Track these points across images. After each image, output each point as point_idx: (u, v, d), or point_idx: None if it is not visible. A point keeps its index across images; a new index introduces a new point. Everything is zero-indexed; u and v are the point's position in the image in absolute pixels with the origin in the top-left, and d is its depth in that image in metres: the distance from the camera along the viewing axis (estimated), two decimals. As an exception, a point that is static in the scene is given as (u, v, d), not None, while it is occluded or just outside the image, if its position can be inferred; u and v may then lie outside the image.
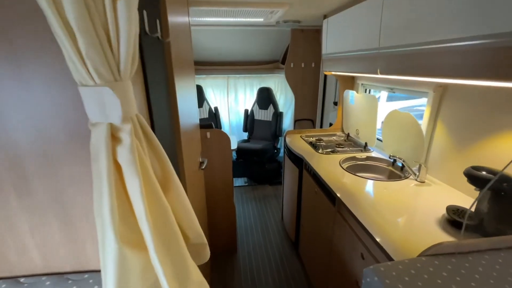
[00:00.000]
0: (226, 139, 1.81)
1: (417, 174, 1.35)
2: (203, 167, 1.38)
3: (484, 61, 0.76)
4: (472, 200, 1.13)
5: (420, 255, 0.68)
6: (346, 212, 1.18)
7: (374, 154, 1.76)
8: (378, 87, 1.89)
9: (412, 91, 1.50)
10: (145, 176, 0.42)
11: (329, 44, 1.95)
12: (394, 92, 1.69)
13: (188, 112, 1.14)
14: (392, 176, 1.56)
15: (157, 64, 0.77)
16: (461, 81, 0.92)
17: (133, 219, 0.42)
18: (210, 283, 1.91)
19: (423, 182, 1.33)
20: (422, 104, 1.47)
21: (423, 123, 1.39)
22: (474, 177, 0.90)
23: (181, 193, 0.56)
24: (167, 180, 0.51)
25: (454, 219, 0.96)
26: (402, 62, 1.13)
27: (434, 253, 0.66)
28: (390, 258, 0.84)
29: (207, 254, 0.67)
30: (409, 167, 1.38)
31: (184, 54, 1.12)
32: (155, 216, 0.43)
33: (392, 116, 1.54)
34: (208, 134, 1.76)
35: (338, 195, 1.21)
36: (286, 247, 2.16)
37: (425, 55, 0.99)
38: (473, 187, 0.96)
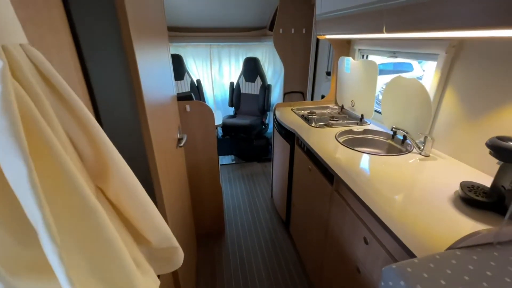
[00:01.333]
0: (208, 112, 1.60)
1: (422, 147, 1.22)
2: (182, 144, 1.19)
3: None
4: (485, 175, 1.02)
5: (451, 248, 0.54)
6: (346, 191, 1.05)
7: (371, 126, 1.62)
8: (378, 52, 1.70)
9: (419, 55, 1.33)
10: (43, 155, 0.23)
11: (325, 2, 1.71)
12: (396, 57, 1.51)
13: (159, 82, 0.92)
14: (391, 150, 1.44)
15: (100, 20, 0.55)
16: (487, 32, 0.75)
17: (24, 227, 0.24)
18: (196, 268, 1.82)
19: (428, 156, 1.20)
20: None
21: (430, 91, 1.24)
22: (501, 148, 0.76)
23: (131, 183, 0.37)
24: (103, 164, 0.32)
25: (470, 197, 0.84)
26: (415, 12, 0.94)
27: (469, 244, 0.52)
28: (401, 244, 0.71)
29: (178, 259, 0.51)
30: (413, 140, 1.24)
31: (151, 14, 0.87)
32: (69, 222, 0.25)
33: (395, 83, 1.38)
34: (188, 107, 1.54)
35: (338, 173, 1.06)
36: (276, 227, 2.07)
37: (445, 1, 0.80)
38: (484, 161, 0.84)
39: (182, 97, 1.59)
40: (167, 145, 0.98)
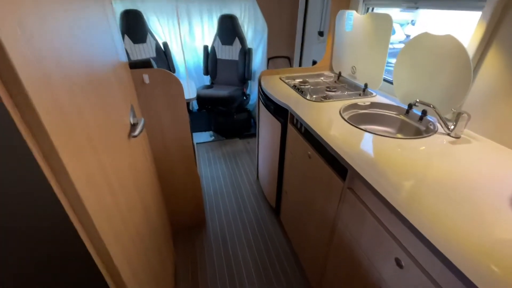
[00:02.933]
0: (175, 83, 1.22)
1: (452, 126, 0.97)
2: (137, 133, 0.83)
3: None
4: (542, 163, 0.79)
5: None
6: (366, 192, 0.78)
7: (378, 99, 1.34)
8: (391, 3, 1.35)
9: (455, 2, 1.01)
10: None
11: None
12: (417, 8, 1.18)
13: (81, 43, 0.53)
14: (406, 129, 1.18)
15: None
16: None
17: None
18: (174, 269, 1.56)
19: (459, 137, 0.96)
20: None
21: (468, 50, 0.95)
22: None
23: None
24: None
25: (544, 201, 0.61)
26: None
27: None
28: (462, 278, 0.47)
29: None
30: (440, 117, 0.98)
31: None
32: None
33: (418, 41, 1.07)
34: (146, 78, 1.14)
35: (355, 168, 0.78)
36: (265, 214, 1.84)
37: None
38: None
39: (137, 65, 1.18)
40: (108, 139, 0.62)
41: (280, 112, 1.38)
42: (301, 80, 1.68)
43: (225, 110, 2.80)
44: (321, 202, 1.07)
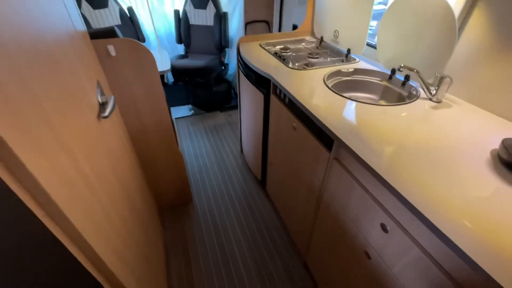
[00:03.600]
0: (146, 54, 1.10)
1: (434, 91, 0.97)
2: (107, 113, 0.75)
3: None
4: (517, 124, 0.82)
5: None
6: (353, 162, 0.78)
7: (362, 65, 1.31)
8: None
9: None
10: None
11: None
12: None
13: (20, 11, 0.43)
14: (389, 95, 1.17)
15: None
16: None
17: None
18: (164, 249, 1.56)
19: (440, 102, 0.97)
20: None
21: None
22: None
23: None
24: None
25: (520, 162, 0.63)
26: None
27: None
28: (445, 240, 0.49)
29: None
30: (423, 81, 0.97)
31: None
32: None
33: (403, 1, 1.02)
34: (112, 49, 1.02)
35: (343, 139, 0.77)
36: (251, 187, 1.85)
37: None
38: None
39: (100, 34, 1.04)
40: (74, 124, 0.55)
41: (262, 82, 1.31)
42: (282, 46, 1.59)
43: (203, 82, 2.66)
44: (307, 173, 1.07)
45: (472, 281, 0.51)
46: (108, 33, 1.05)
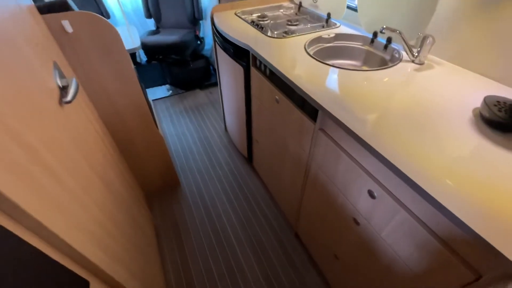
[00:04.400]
0: (108, 29, 0.99)
1: (416, 53, 0.94)
2: (70, 97, 0.68)
3: None
4: (506, 87, 0.82)
5: None
6: (338, 131, 0.77)
7: (342, 29, 1.25)
8: None
9: None
10: None
11: None
12: None
13: None
14: (372, 60, 1.14)
15: None
16: None
17: None
18: (156, 234, 1.54)
19: (423, 64, 0.95)
20: None
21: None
22: None
23: None
24: None
25: (501, 118, 0.63)
26: None
27: None
28: (432, 201, 0.50)
29: None
30: (406, 43, 0.94)
31: None
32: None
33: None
34: (67, 25, 0.90)
35: (327, 109, 0.74)
36: (239, 165, 1.83)
37: None
38: (507, 67, 0.61)
39: (50, 8, 0.91)
40: (30, 113, 0.48)
41: (240, 54, 1.24)
42: (259, 14, 1.49)
43: (179, 59, 2.52)
44: (293, 146, 1.05)
45: (455, 237, 0.52)
46: (60, 7, 0.93)
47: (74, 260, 0.51)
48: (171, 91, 2.64)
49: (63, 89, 0.71)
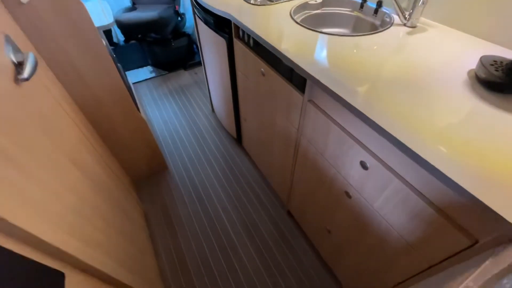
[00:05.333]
0: (73, 2, 0.88)
1: (407, 16, 0.88)
2: (27, 74, 0.60)
3: None
4: (501, 47, 0.78)
5: None
6: (328, 102, 0.72)
7: (330, -6, 1.17)
8: None
9: None
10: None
11: None
12: None
13: None
14: (362, 26, 1.08)
15: None
16: None
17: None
18: (145, 220, 1.50)
19: (415, 27, 0.90)
20: None
21: None
22: None
23: None
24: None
25: (498, 78, 0.60)
26: None
27: None
28: (428, 167, 0.47)
29: None
30: (398, 5, 0.88)
31: None
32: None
33: None
34: (20, -6, 0.79)
35: (316, 76, 0.69)
36: (228, 146, 1.78)
37: None
38: (501, 27, 0.57)
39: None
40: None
41: (222, 26, 1.15)
42: (240, -18, 1.38)
43: (159, 38, 2.37)
44: (281, 121, 1.01)
45: (450, 203, 0.50)
46: (10, -28, 0.81)
47: (43, 251, 0.47)
48: (154, 73, 2.51)
49: (19, 65, 0.63)
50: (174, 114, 2.05)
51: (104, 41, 1.30)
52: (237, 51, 1.15)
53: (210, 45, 1.36)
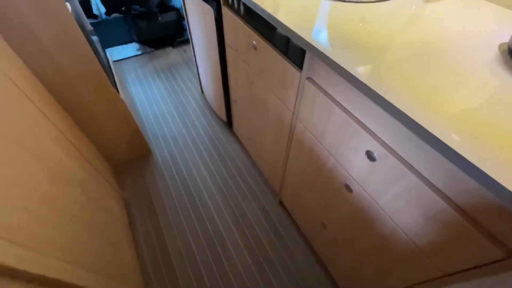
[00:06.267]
0: None
1: (426, -22, 0.75)
2: None
3: None
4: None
5: None
6: (330, 80, 0.60)
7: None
8: None
9: None
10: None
11: None
12: None
13: None
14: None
15: None
16: None
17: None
18: (125, 208, 1.33)
19: (432, -7, 0.77)
20: None
21: None
22: None
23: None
24: None
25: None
26: None
27: None
28: (450, 154, 0.37)
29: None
30: (414, -33, 0.74)
31: None
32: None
33: None
34: None
35: (317, 46, 0.57)
36: (217, 130, 1.66)
37: None
38: None
39: None
40: None
41: (209, -8, 0.99)
42: None
43: (145, 11, 2.16)
44: (275, 102, 0.89)
45: (479, 204, 0.40)
46: None
47: (33, 264, 0.35)
48: (140, 50, 2.32)
49: None
50: (160, 95, 1.89)
51: (72, 8, 1.13)
52: (226, 22, 1.00)
53: (196, 16, 1.20)
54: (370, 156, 0.57)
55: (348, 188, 0.68)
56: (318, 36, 0.59)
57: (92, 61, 1.01)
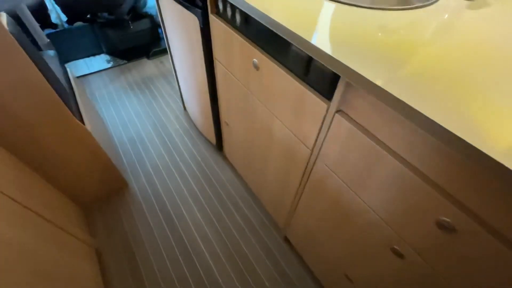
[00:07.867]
0: None
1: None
2: None
3: None
4: None
5: None
6: (380, 117, 0.43)
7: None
8: None
9: None
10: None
11: None
12: None
13: None
14: None
15: None
16: None
17: None
18: (98, 258, 0.94)
19: (473, 0, 0.64)
20: None
21: None
22: None
23: None
24: None
25: None
26: None
27: None
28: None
29: None
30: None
31: None
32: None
33: None
34: None
35: (366, 75, 0.40)
36: (204, 152, 1.46)
37: None
38: None
39: None
40: None
41: (192, -4, 0.81)
42: None
43: (114, 19, 1.91)
44: (283, 134, 0.71)
45: None
46: None
47: None
48: (111, 62, 2.05)
49: None
50: (135, 113, 1.66)
51: (10, 21, 0.89)
52: (215, 33, 0.81)
53: (177, 25, 1.01)
54: (442, 225, 0.40)
55: (395, 252, 0.52)
56: (365, 61, 0.42)
57: (42, 87, 0.78)
